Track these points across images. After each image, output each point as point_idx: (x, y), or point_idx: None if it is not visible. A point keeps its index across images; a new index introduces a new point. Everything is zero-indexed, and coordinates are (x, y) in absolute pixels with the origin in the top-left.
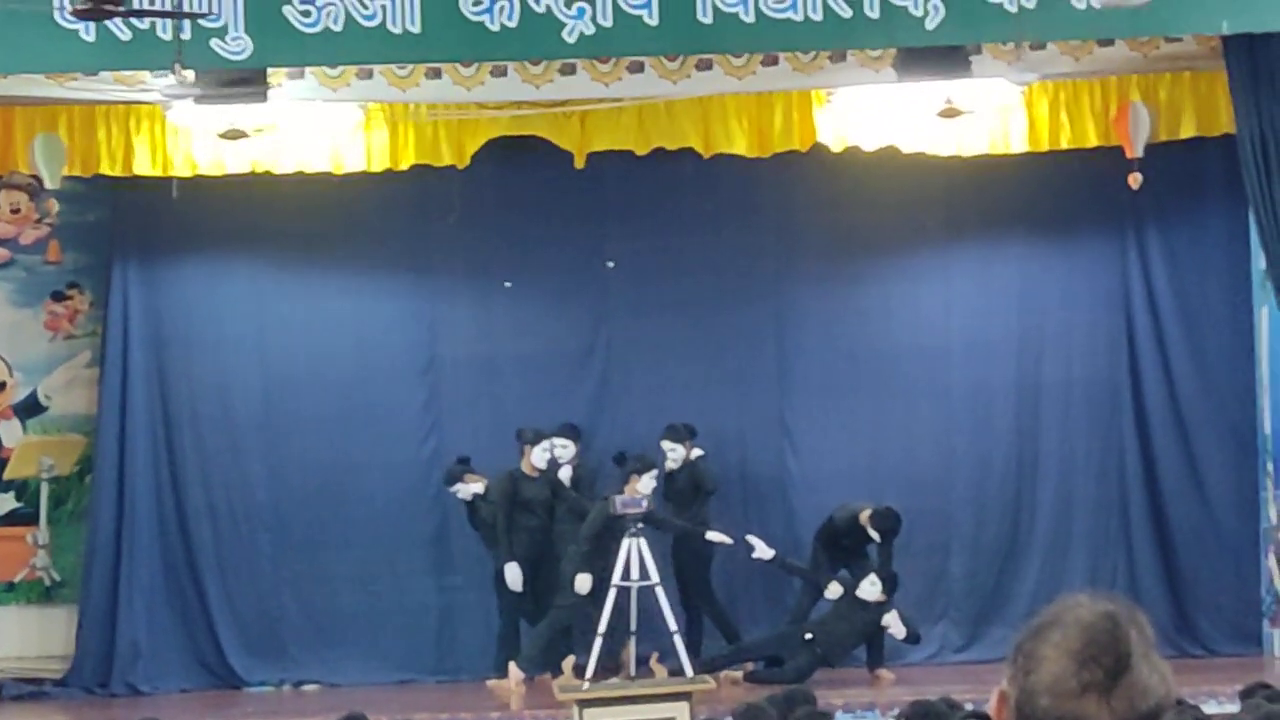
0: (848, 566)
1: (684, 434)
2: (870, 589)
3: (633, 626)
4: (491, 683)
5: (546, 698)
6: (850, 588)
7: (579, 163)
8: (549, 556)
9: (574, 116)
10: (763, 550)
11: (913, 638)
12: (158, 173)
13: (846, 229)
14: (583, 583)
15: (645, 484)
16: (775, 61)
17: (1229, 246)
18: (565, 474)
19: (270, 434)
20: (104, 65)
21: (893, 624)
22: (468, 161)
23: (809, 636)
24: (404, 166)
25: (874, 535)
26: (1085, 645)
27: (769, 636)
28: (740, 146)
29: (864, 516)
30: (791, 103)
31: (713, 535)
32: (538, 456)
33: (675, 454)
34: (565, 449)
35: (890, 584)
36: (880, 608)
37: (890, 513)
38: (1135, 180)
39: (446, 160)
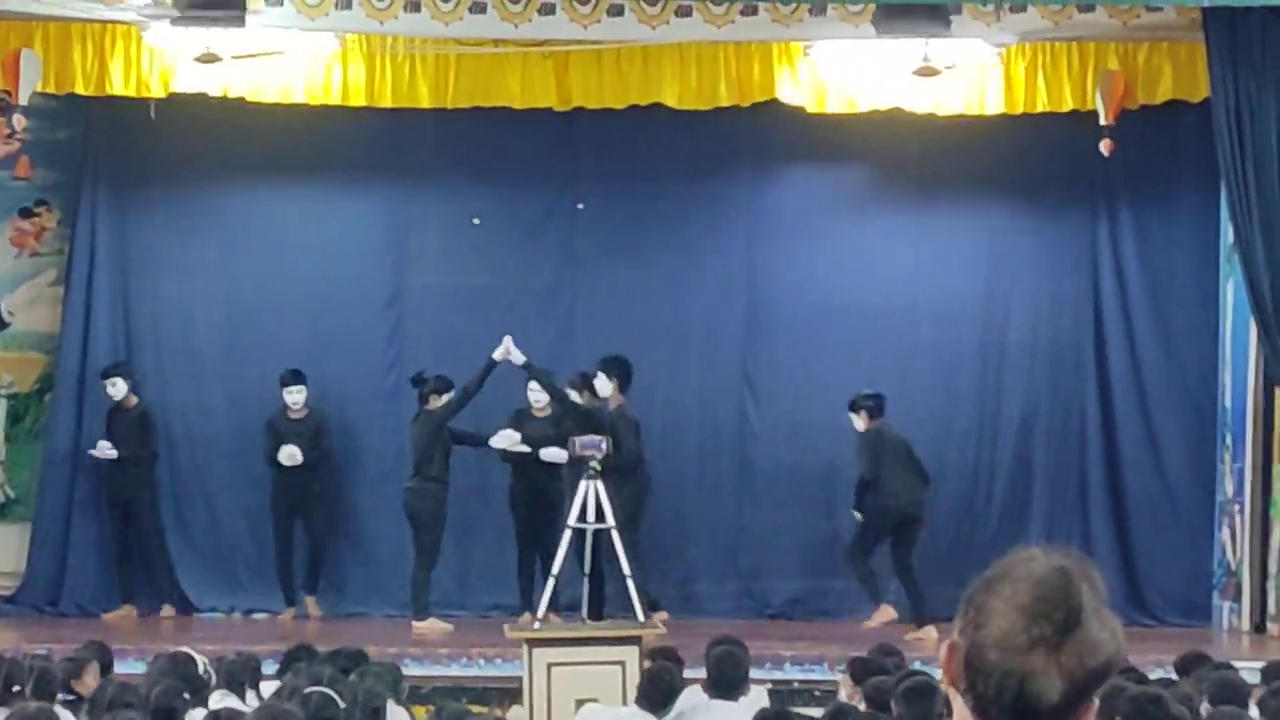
0: None
1: (583, 383)
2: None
3: (586, 569)
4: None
5: (497, 637)
6: None
7: (558, 106)
8: None
9: (551, 60)
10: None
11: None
12: (131, 93)
13: (819, 183)
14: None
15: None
16: (755, 12)
17: (1199, 219)
18: None
19: (232, 361)
20: None
21: None
22: (444, 102)
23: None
24: (380, 104)
25: None
26: (1035, 600)
27: None
28: (717, 97)
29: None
30: (770, 55)
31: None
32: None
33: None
34: (539, 394)
35: None
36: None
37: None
38: (1107, 146)
39: (423, 99)
